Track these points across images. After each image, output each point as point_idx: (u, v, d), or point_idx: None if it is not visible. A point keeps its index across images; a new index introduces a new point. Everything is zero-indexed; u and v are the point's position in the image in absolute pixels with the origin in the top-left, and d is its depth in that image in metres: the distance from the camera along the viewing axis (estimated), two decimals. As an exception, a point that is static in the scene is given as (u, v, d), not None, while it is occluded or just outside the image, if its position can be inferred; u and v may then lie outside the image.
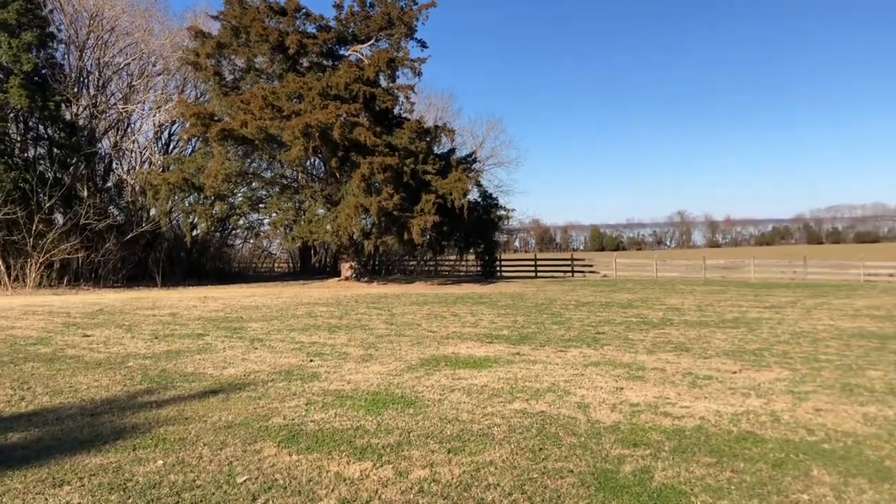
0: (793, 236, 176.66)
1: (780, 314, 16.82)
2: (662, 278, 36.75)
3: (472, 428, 6.74)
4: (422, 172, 30.13)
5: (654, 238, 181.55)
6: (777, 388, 8.39)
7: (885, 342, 12.11)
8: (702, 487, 5.07)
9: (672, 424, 6.79)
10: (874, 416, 7.05)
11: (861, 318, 15.91)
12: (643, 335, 13.32)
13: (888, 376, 9.09)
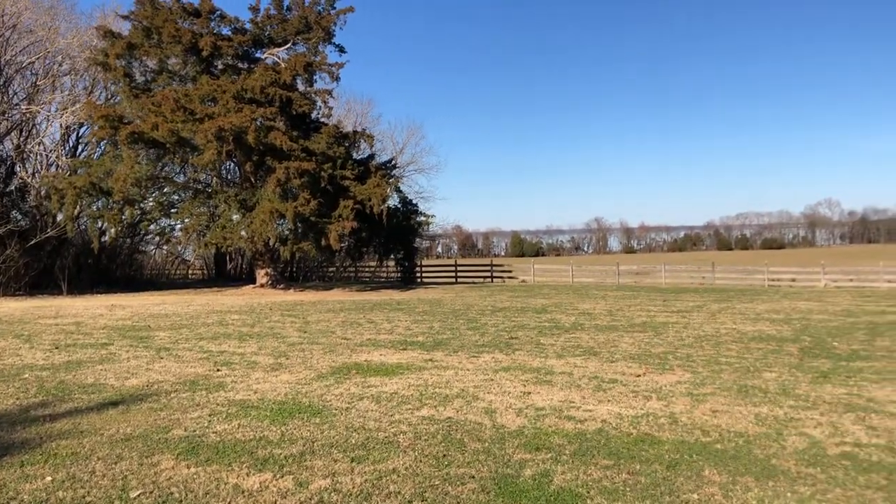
0: (704, 242, 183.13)
1: (686, 318, 17.38)
2: (578, 283, 37.49)
3: (377, 436, 6.70)
4: (340, 178, 29.88)
5: (572, 244, 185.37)
6: (678, 391, 8.65)
7: (782, 345, 12.65)
8: (598, 490, 5.17)
9: (575, 428, 6.91)
10: (765, 416, 7.35)
11: (762, 321, 16.58)
12: (554, 340, 13.54)
13: (782, 378, 9.49)
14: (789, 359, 11.10)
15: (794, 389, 8.68)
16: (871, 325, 15.49)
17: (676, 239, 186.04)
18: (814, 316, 17.74)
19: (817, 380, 9.30)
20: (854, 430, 6.72)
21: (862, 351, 11.82)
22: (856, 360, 10.84)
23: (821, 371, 9.95)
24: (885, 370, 9.97)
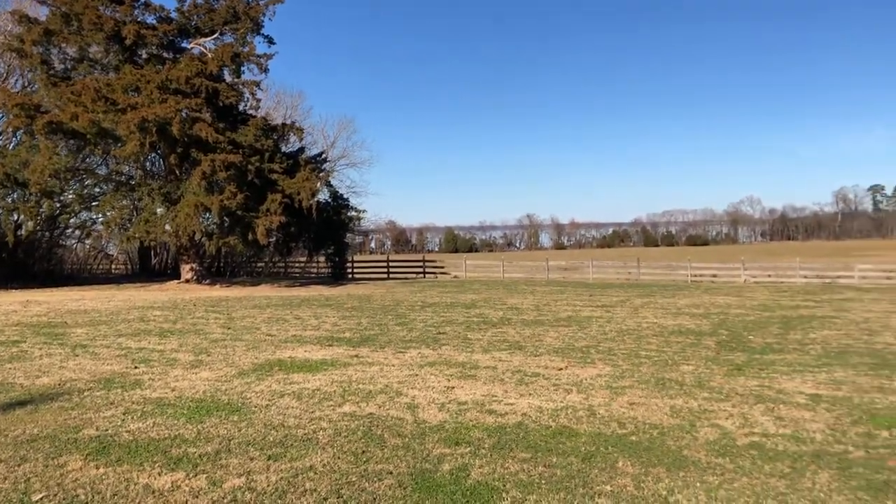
0: (631, 239, 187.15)
1: (610, 313, 17.72)
2: (508, 279, 37.84)
3: (296, 433, 6.61)
4: (268, 171, 29.42)
5: (505, 240, 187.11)
6: (598, 384, 8.80)
7: (701, 338, 13.01)
8: (514, 483, 5.21)
9: (495, 422, 6.96)
10: (680, 408, 7.54)
11: (682, 315, 17.04)
12: (481, 334, 13.62)
13: (698, 370, 9.76)
14: (706, 352, 11.43)
15: (709, 382, 8.93)
16: (784, 320, 16.08)
17: (605, 235, 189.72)
18: (732, 310, 18.32)
19: (732, 372, 9.59)
20: (763, 421, 6.95)
21: (775, 344, 12.25)
22: (769, 353, 11.23)
23: (735, 364, 10.27)
24: (795, 363, 10.35)
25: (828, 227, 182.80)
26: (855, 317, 16.60)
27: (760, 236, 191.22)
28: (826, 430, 6.61)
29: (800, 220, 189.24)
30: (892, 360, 10.43)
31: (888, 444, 6.14)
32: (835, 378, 9.14)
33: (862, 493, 4.97)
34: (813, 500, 4.85)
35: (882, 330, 14.05)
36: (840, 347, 11.79)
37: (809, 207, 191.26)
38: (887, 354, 11.01)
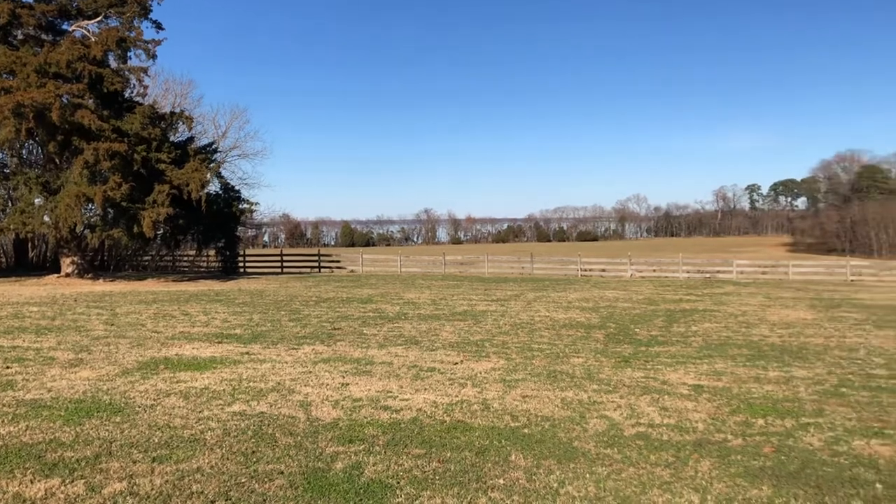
0: (525, 234, 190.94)
1: (504, 307, 17.99)
2: (406, 273, 37.84)
3: (182, 434, 6.36)
4: (155, 161, 28.26)
5: (402, 234, 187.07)
6: (492, 378, 8.90)
7: (590, 331, 13.38)
8: (408, 480, 5.18)
9: (390, 418, 6.91)
10: (571, 400, 7.71)
11: (573, 309, 17.48)
12: (378, 330, 13.54)
13: (588, 362, 10.02)
14: (596, 344, 11.76)
15: (598, 374, 9.18)
16: (668, 313, 16.76)
17: (500, 231, 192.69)
18: (619, 304, 18.94)
19: (619, 364, 9.90)
20: (649, 412, 7.20)
21: (660, 336, 12.73)
22: (654, 346, 11.66)
23: (623, 356, 10.60)
24: (678, 354, 10.79)
25: (708, 224, 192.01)
26: (733, 310, 17.47)
27: (646, 232, 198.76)
28: (707, 419, 6.90)
29: (683, 217, 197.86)
30: (768, 352, 11.02)
31: (764, 431, 6.47)
32: (715, 369, 9.57)
33: (740, 479, 5.21)
34: (695, 487, 5.05)
35: (758, 323, 14.84)
36: (720, 340, 12.37)
37: (692, 205, 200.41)
38: (763, 346, 11.63)
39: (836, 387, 8.41)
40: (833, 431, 6.45)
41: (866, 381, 8.72)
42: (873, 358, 10.46)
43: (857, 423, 6.73)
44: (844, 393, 8.08)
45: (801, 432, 6.43)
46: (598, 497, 4.87)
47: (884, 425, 6.66)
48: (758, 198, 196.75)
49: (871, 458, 5.70)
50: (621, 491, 4.98)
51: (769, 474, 5.31)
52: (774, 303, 19.52)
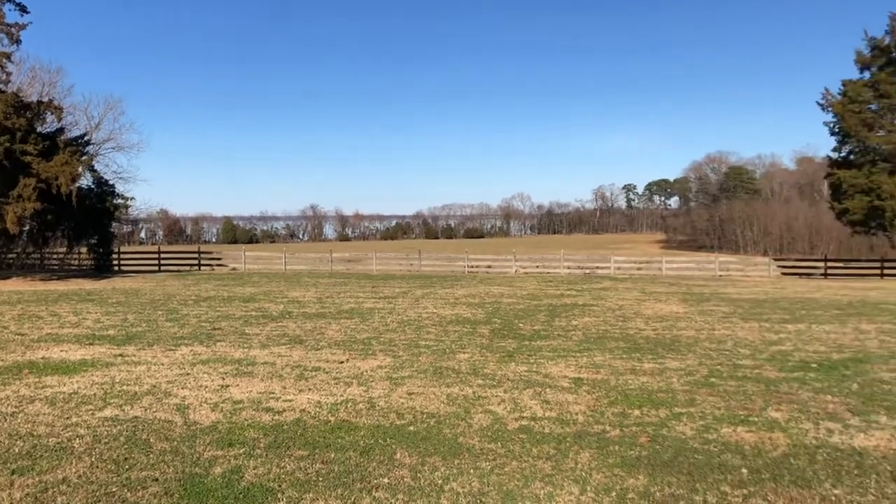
0: (413, 231, 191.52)
1: (392, 304, 17.95)
2: (291, 271, 37.13)
3: (47, 442, 5.97)
4: (20, 153, 26.49)
5: (287, 231, 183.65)
6: (378, 376, 8.84)
7: (476, 327, 13.53)
8: (290, 482, 5.05)
9: (272, 420, 6.73)
10: (456, 395, 7.76)
11: (459, 305, 17.64)
12: (260, 329, 13.21)
13: (473, 358, 10.12)
14: (481, 340, 11.90)
15: (483, 369, 9.29)
16: (550, 308, 17.18)
17: (389, 227, 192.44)
18: (504, 300, 19.27)
19: (504, 359, 10.05)
20: (532, 405, 7.33)
21: (542, 331, 13.03)
22: (537, 340, 11.91)
23: (507, 351, 10.78)
24: (560, 348, 11.07)
25: (588, 221, 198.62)
26: (611, 304, 18.11)
27: (530, 230, 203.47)
28: (587, 411, 7.09)
29: (564, 215, 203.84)
30: (643, 345, 11.47)
31: (639, 422, 6.71)
32: (594, 362, 9.87)
33: (618, 469, 5.37)
34: (576, 479, 5.17)
35: (634, 316, 15.43)
36: (599, 333, 12.77)
37: (573, 204, 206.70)
38: (638, 339, 12.09)
39: (707, 377, 8.84)
40: (703, 420, 6.76)
41: (733, 372, 9.21)
42: (739, 349, 11.06)
43: (725, 412, 7.08)
44: (714, 383, 8.49)
45: (674, 422, 6.71)
46: (482, 492, 4.90)
47: (749, 413, 7.04)
48: (634, 197, 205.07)
49: (737, 444, 6.01)
50: (505, 485, 5.04)
51: (645, 463, 5.51)
52: (649, 297, 20.36)
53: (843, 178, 31.85)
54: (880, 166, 30.98)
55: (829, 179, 34.73)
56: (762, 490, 4.96)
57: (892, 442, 6.07)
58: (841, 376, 8.87)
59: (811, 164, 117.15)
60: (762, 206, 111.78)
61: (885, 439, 6.15)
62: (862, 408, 7.25)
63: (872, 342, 11.72)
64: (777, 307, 17.52)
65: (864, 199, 30.82)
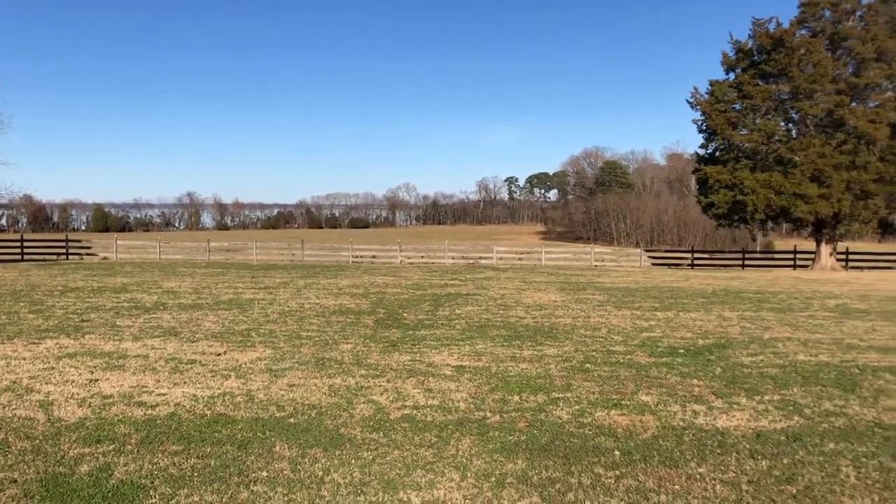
0: (296, 220, 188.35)
1: (273, 294, 17.57)
2: (166, 261, 35.72)
3: None
4: None
5: (162, 219, 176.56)
6: (257, 368, 8.64)
7: (360, 317, 13.45)
8: (164, 479, 4.86)
9: (145, 414, 6.46)
10: (338, 386, 7.69)
11: (343, 296, 17.49)
12: (132, 321, 12.63)
13: (356, 348, 10.06)
14: (365, 330, 11.84)
15: (366, 359, 9.25)
16: (434, 297, 17.31)
17: (270, 216, 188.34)
18: (389, 290, 19.26)
19: (387, 349, 10.04)
20: (414, 394, 7.36)
21: (426, 320, 13.10)
22: (421, 329, 11.97)
23: (391, 340, 10.77)
24: (443, 337, 11.17)
25: (472, 213, 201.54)
26: (493, 294, 18.43)
27: (415, 220, 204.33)
28: (469, 398, 7.19)
29: (449, 206, 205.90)
30: (523, 332, 11.74)
31: (519, 407, 6.87)
32: (476, 350, 10.02)
33: (498, 454, 5.48)
34: (456, 466, 5.23)
35: (515, 305, 15.77)
36: (481, 322, 12.98)
37: (457, 195, 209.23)
38: (519, 327, 12.36)
39: (582, 363, 9.15)
40: (579, 405, 6.99)
41: (607, 358, 9.57)
42: (613, 336, 11.50)
43: (599, 397, 7.35)
44: (589, 369, 8.80)
45: (551, 407, 6.90)
46: (363, 482, 4.88)
47: (622, 397, 7.34)
48: (516, 189, 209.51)
49: (610, 427, 6.25)
50: (386, 474, 5.03)
51: (523, 448, 5.64)
52: (529, 286, 20.85)
53: (709, 174, 33.62)
54: (743, 163, 32.92)
55: (697, 175, 36.65)
56: (633, 471, 5.18)
57: (751, 422, 6.47)
58: (706, 361, 9.38)
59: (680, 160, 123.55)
60: (635, 199, 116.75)
61: (745, 419, 6.55)
62: (725, 390, 7.69)
63: (734, 329, 12.46)
64: (648, 296, 18.34)
65: (728, 193, 32.68)
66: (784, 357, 9.69)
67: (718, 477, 5.07)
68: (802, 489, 4.84)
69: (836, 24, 31.43)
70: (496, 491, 4.78)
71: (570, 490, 4.80)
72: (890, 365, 9.17)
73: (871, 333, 11.92)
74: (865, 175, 29.72)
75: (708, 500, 4.64)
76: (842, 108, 30.40)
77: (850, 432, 6.15)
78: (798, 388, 7.83)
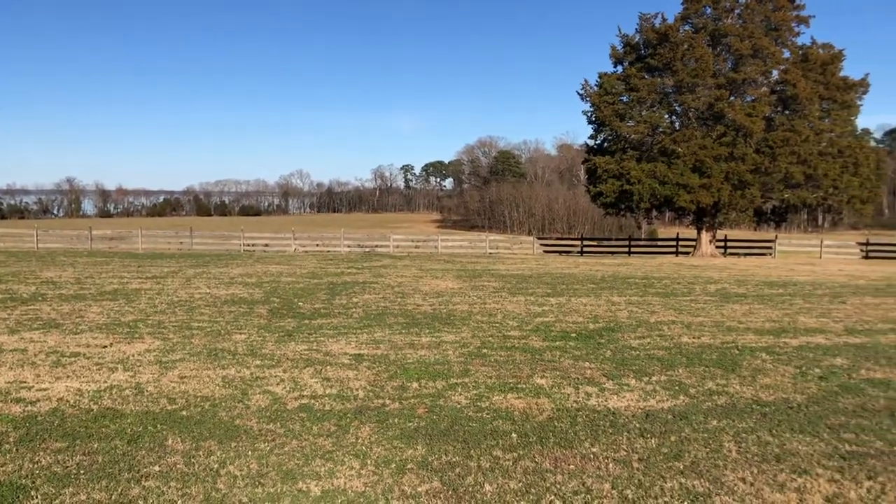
0: (184, 208, 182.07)
1: (161, 284, 16.94)
2: (44, 249, 33.81)
3: None
4: None
5: (39, 206, 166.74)
6: (146, 360, 8.31)
7: (253, 307, 13.15)
8: (46, 478, 4.62)
9: (23, 411, 6.11)
10: (233, 377, 7.50)
11: (235, 285, 17.05)
12: (8, 314, 11.90)
13: (251, 339, 9.84)
14: (259, 320, 11.59)
15: (261, 349, 9.06)
16: (331, 286, 17.13)
17: (156, 204, 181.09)
18: (283, 279, 18.91)
19: (283, 338, 9.87)
20: (312, 384, 7.27)
21: (323, 309, 12.95)
22: (317, 318, 11.83)
23: (287, 330, 10.59)
24: (340, 325, 11.08)
25: (368, 201, 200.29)
26: (391, 282, 18.41)
27: (309, 208, 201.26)
28: (367, 386, 7.17)
29: (344, 194, 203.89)
30: (421, 320, 11.79)
31: (418, 394, 6.90)
32: (374, 338, 9.99)
33: (398, 441, 5.49)
34: (356, 454, 5.21)
35: (412, 293, 15.81)
36: (379, 310, 12.94)
37: (352, 183, 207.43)
38: (416, 314, 12.41)
39: (479, 348, 9.28)
40: (477, 389, 7.09)
41: (503, 343, 9.74)
42: (508, 321, 11.72)
43: (496, 381, 7.48)
44: (486, 354, 8.93)
45: (450, 392, 6.97)
46: (260, 473, 4.79)
47: (518, 381, 7.49)
48: (412, 177, 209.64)
49: (508, 411, 6.37)
50: (284, 465, 4.96)
51: (423, 434, 5.67)
52: (426, 274, 20.94)
53: (597, 164, 34.64)
54: (630, 153, 34.08)
55: (586, 165, 37.65)
56: (530, 452, 5.30)
57: (640, 402, 6.74)
58: (597, 344, 9.70)
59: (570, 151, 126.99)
60: (527, 188, 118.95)
61: (635, 400, 6.82)
62: (615, 372, 7.98)
63: (622, 313, 12.93)
64: (541, 282, 18.77)
65: (615, 183, 33.77)
66: (670, 339, 10.14)
67: (611, 456, 5.25)
68: (689, 465, 5.08)
69: (717, 21, 32.92)
70: (396, 477, 4.79)
71: (470, 473, 4.86)
72: (766, 345, 9.75)
73: (748, 316, 12.63)
74: (742, 166, 31.35)
75: (601, 479, 4.81)
76: (721, 102, 31.95)
77: (731, 410, 6.50)
78: (683, 368, 8.22)
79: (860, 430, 5.91)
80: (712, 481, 4.79)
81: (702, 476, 4.87)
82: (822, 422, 6.13)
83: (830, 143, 31.84)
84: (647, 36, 33.96)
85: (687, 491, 4.62)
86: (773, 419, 6.19)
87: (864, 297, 15.88)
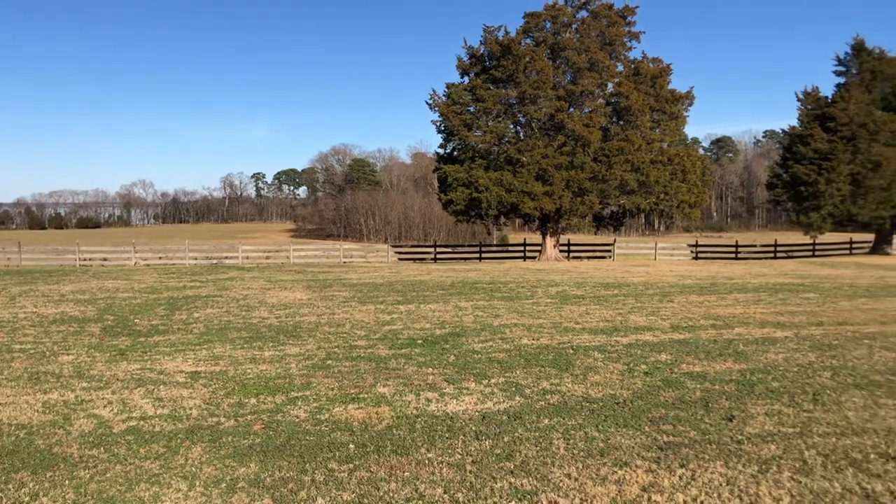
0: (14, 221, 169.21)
1: (-20, 305, 15.62)
2: None
3: None
4: None
5: None
6: (-45, 388, 7.64)
7: (85, 326, 12.38)
8: None
9: None
10: (55, 402, 7.03)
11: (66, 303, 15.99)
12: None
13: (79, 360, 9.26)
14: (90, 339, 10.93)
15: (89, 370, 8.55)
16: (171, 301, 16.41)
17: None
18: (120, 294, 17.94)
19: (115, 358, 9.36)
20: (142, 404, 6.93)
21: (160, 326, 12.39)
22: (154, 335, 11.30)
23: (119, 349, 10.05)
24: (178, 342, 10.63)
25: (217, 210, 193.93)
26: (236, 294, 17.88)
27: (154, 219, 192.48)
28: (202, 405, 6.92)
29: (191, 203, 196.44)
30: (265, 333, 11.52)
31: (255, 410, 6.73)
32: (214, 354, 9.66)
33: (230, 460, 5.33)
34: (185, 475, 5.01)
35: (258, 305, 15.43)
36: (221, 324, 12.53)
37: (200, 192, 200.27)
38: (261, 328, 12.12)
39: (324, 360, 9.18)
40: (317, 402, 7.02)
41: (349, 353, 9.69)
42: (356, 331, 11.68)
43: (338, 392, 7.43)
44: (330, 365, 8.85)
45: (289, 406, 6.85)
46: (77, 503, 4.51)
47: (360, 391, 7.48)
48: (263, 186, 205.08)
49: (347, 422, 6.34)
50: (105, 492, 4.70)
51: (257, 451, 5.54)
52: (275, 285, 20.50)
53: (448, 172, 35.28)
54: (478, 162, 34.95)
55: (437, 173, 38.27)
56: (366, 462, 5.30)
57: (478, 405, 6.91)
58: (441, 350, 9.85)
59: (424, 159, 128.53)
60: (383, 196, 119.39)
61: (473, 403, 6.97)
62: (456, 377, 8.13)
63: (468, 318, 13.21)
64: (392, 290, 18.85)
65: (465, 191, 34.52)
66: (511, 342, 10.46)
67: (445, 460, 5.34)
68: (519, 464, 5.26)
69: (556, 35, 34.42)
70: (226, 497, 4.65)
71: (303, 488, 4.80)
72: (599, 344, 10.26)
73: (584, 317, 13.24)
74: (582, 174, 32.91)
75: (434, 484, 4.88)
76: (561, 113, 33.44)
77: (562, 408, 6.79)
78: (521, 370, 8.50)
79: (677, 421, 6.33)
80: (540, 479, 4.97)
81: (530, 474, 5.05)
82: (645, 415, 6.51)
83: (661, 151, 34.09)
84: (492, 48, 35.01)
85: (515, 490, 4.78)
86: (600, 415, 6.52)
87: (689, 295, 17.04)
